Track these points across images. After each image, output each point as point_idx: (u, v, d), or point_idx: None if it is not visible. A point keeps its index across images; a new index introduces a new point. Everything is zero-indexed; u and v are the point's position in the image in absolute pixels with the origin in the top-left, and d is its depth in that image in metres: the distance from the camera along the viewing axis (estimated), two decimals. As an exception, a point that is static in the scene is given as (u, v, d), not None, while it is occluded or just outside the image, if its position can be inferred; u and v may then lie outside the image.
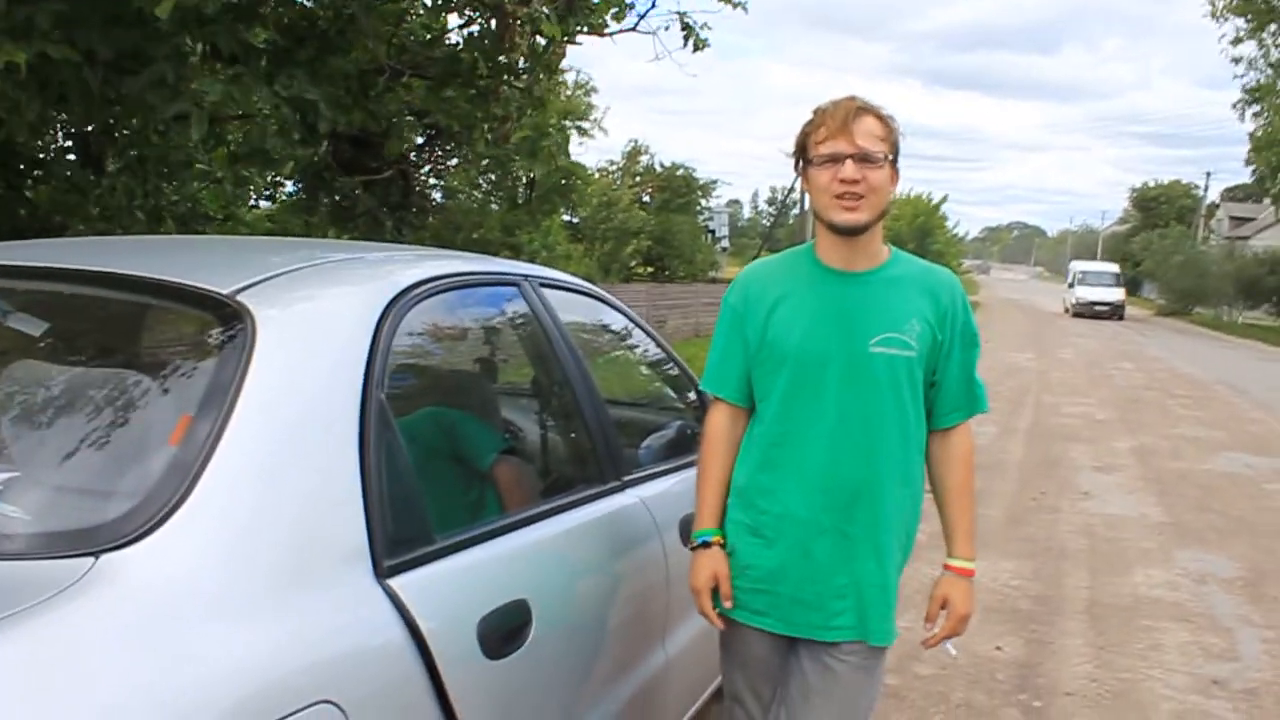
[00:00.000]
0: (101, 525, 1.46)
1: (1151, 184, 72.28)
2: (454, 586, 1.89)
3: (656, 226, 26.33)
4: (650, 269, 26.29)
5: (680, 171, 29.02)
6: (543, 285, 2.72)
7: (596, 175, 26.30)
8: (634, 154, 29.05)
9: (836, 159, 2.28)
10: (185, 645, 1.40)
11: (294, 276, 2.00)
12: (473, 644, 1.86)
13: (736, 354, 2.47)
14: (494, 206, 21.67)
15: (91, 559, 1.41)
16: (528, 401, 3.03)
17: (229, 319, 1.77)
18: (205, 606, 1.45)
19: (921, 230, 46.90)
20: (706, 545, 2.46)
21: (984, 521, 2.78)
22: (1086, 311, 39.82)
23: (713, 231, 32.28)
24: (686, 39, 8.41)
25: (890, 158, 2.32)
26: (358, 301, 1.99)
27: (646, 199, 27.78)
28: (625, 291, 20.38)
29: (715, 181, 30.99)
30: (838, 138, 2.28)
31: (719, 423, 2.51)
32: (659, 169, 28.96)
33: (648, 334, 3.36)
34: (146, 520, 1.46)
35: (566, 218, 24.33)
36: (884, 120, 2.33)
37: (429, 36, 9.27)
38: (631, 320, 3.26)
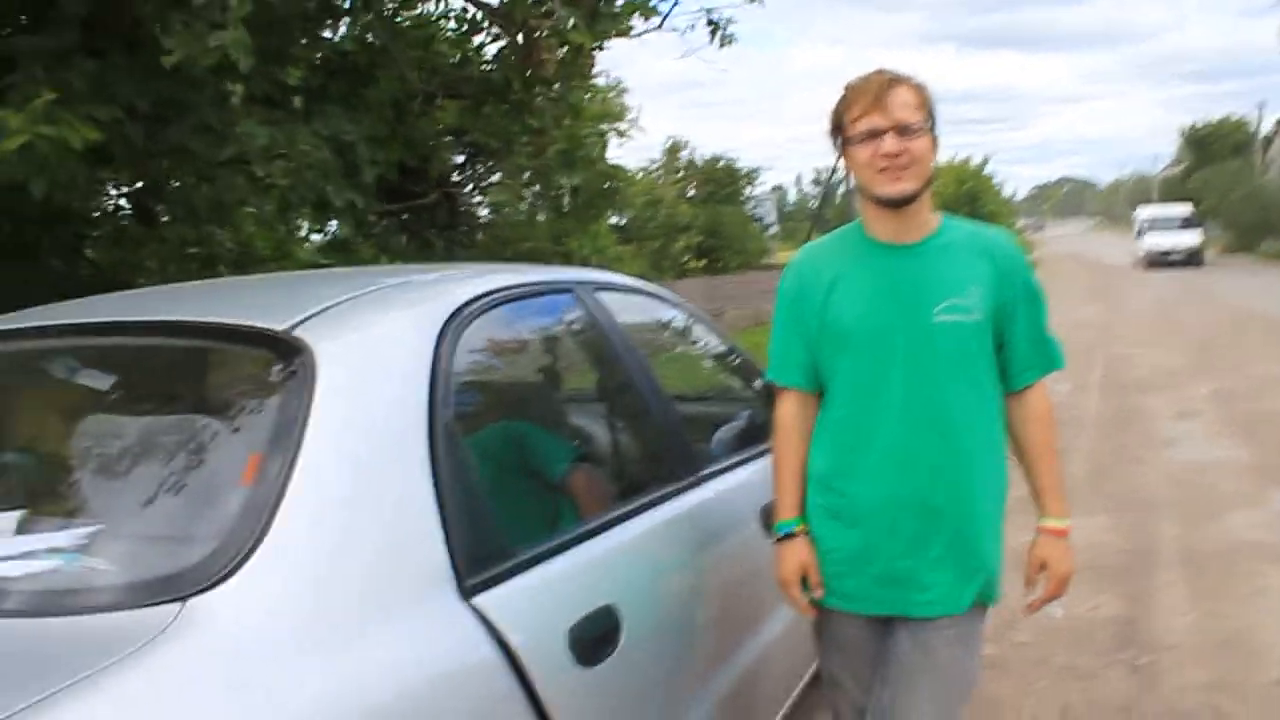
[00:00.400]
0: (185, 570, 1.46)
1: (1201, 123, 70.72)
2: (539, 598, 1.88)
3: (704, 220, 26.28)
4: (703, 262, 26.21)
5: (721, 163, 28.96)
6: (597, 289, 2.71)
7: (639, 176, 26.30)
8: (673, 150, 29.05)
9: (875, 134, 2.25)
10: (276, 683, 1.40)
11: (348, 306, 2.00)
12: (565, 653, 1.85)
13: (798, 341, 2.43)
14: (540, 217, 21.76)
15: (179, 604, 1.41)
16: (594, 406, 3.01)
17: (289, 355, 1.77)
18: (293, 642, 1.45)
19: (970, 195, 45.96)
20: (790, 536, 2.43)
21: (1067, 479, 2.73)
22: (1160, 261, 35.47)
23: (760, 219, 32.17)
24: (713, 35, 8.40)
25: (928, 125, 2.29)
26: (414, 323, 1.99)
27: (691, 193, 27.75)
28: (680, 287, 20.34)
29: (757, 169, 30.82)
30: (873, 113, 2.25)
31: (789, 411, 2.48)
32: (699, 163, 28.92)
33: (706, 326, 3.33)
34: (228, 561, 1.47)
35: (614, 220, 24.36)
36: (916, 89, 2.30)
37: (458, 58, 9.32)
38: (689, 313, 3.25)
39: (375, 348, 1.90)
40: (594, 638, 1.93)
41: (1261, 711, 3.77)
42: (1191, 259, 35.24)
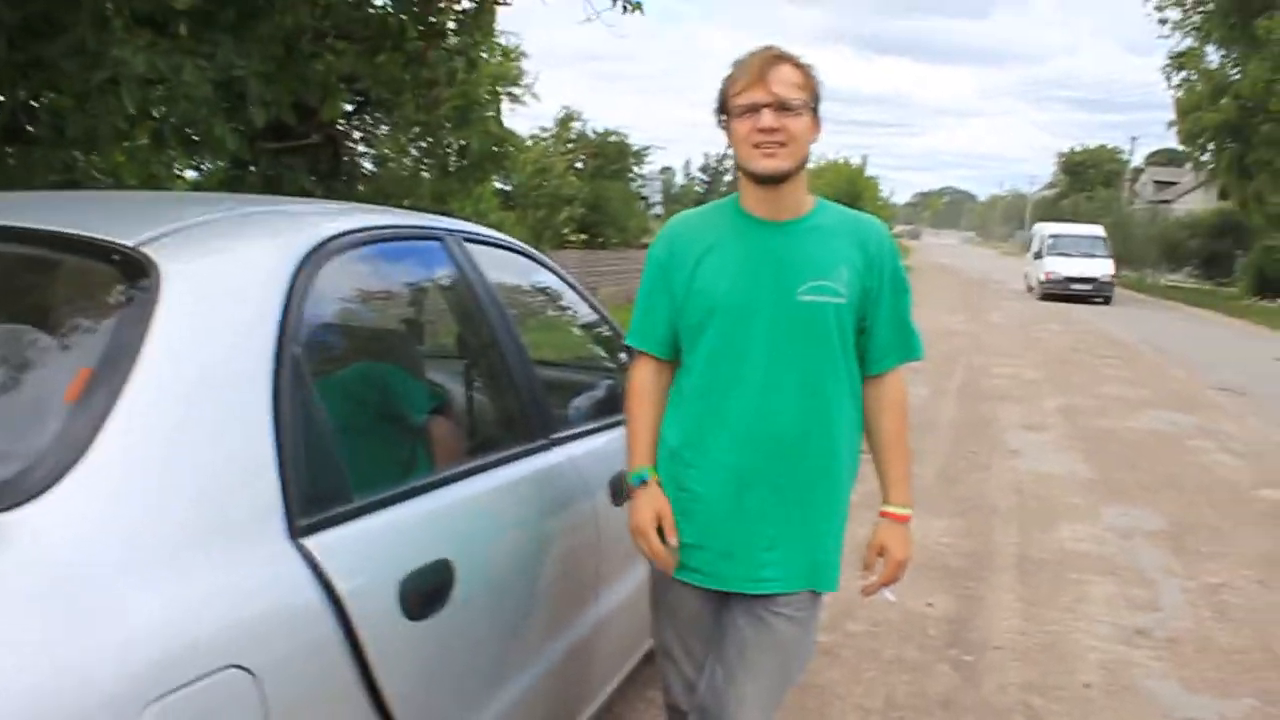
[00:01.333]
0: (-5, 484, 1.39)
1: (1079, 148, 73.52)
2: (373, 546, 1.83)
3: (589, 194, 26.17)
4: (584, 236, 26.12)
5: (613, 138, 28.85)
6: (467, 240, 2.66)
7: (530, 143, 26.06)
8: (566, 121, 28.82)
9: (754, 109, 2.26)
10: (85, 610, 1.33)
11: (206, 227, 1.92)
12: (393, 605, 1.81)
13: (662, 308, 2.44)
14: (425, 175, 21.39)
15: (-18, 519, 1.34)
16: (455, 359, 2.96)
17: (133, 271, 1.69)
18: (105, 569, 1.38)
19: (849, 195, 46.45)
20: (644, 483, 2.43)
21: (916, 480, 2.82)
22: (1059, 291, 29.38)
23: (646, 198, 32.16)
24: (615, 1, 8.33)
25: (810, 105, 2.31)
26: (273, 253, 1.91)
27: (580, 166, 27.60)
28: (558, 258, 20.16)
29: (648, 148, 30.76)
30: (755, 88, 2.26)
31: (644, 376, 2.49)
32: (592, 136, 28.79)
33: (578, 293, 3.31)
34: (40, 480, 1.39)
35: (499, 185, 24.10)
36: (801, 68, 2.32)
37: (356, -1, 9.07)
38: (562, 279, 3.22)
39: (226, 272, 1.82)
40: (425, 591, 1.89)
41: (1070, 711, 3.94)
42: (1099, 291, 29.57)
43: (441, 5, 7.88)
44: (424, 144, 21.02)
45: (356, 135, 17.84)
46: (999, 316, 23.45)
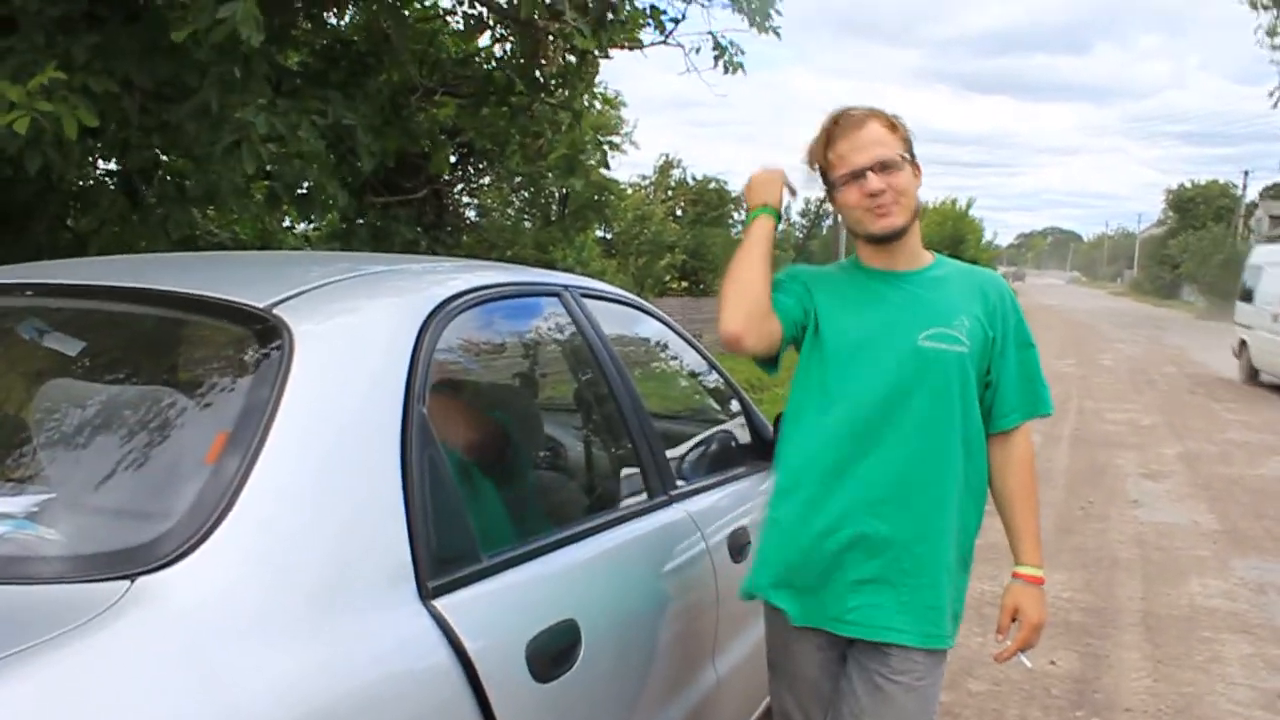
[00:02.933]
0: (137, 547, 1.40)
1: (1189, 184, 71.55)
2: (501, 607, 1.82)
3: (690, 240, 26.23)
4: (684, 283, 26.17)
5: (712, 185, 28.90)
6: (584, 295, 2.67)
7: (629, 190, 26.26)
8: (666, 168, 28.96)
9: (857, 175, 2.27)
10: (222, 669, 1.34)
11: (333, 288, 1.95)
12: (521, 666, 1.79)
13: (795, 300, 2.37)
14: (527, 224, 21.69)
15: (127, 582, 1.36)
16: (571, 414, 2.96)
17: (266, 333, 1.72)
18: (243, 630, 1.39)
19: (953, 237, 45.61)
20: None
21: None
22: None
23: (747, 244, 32.15)
24: (718, 59, 8.38)
25: (907, 156, 2.31)
26: (398, 312, 1.94)
27: (680, 213, 27.70)
28: (660, 306, 20.28)
29: (748, 194, 30.67)
30: (851, 155, 2.28)
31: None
32: (691, 182, 28.88)
33: (689, 343, 3.29)
34: (183, 542, 1.41)
35: (600, 233, 24.30)
36: (889, 121, 2.33)
37: (461, 55, 9.27)
38: (673, 329, 3.20)
39: (356, 334, 1.85)
40: (552, 652, 1.87)
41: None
42: None
43: (544, 60, 7.99)
44: (526, 194, 21.39)
45: (459, 187, 18.22)
46: (1109, 359, 22.82)
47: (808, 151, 2.38)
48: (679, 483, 2.74)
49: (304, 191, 7.84)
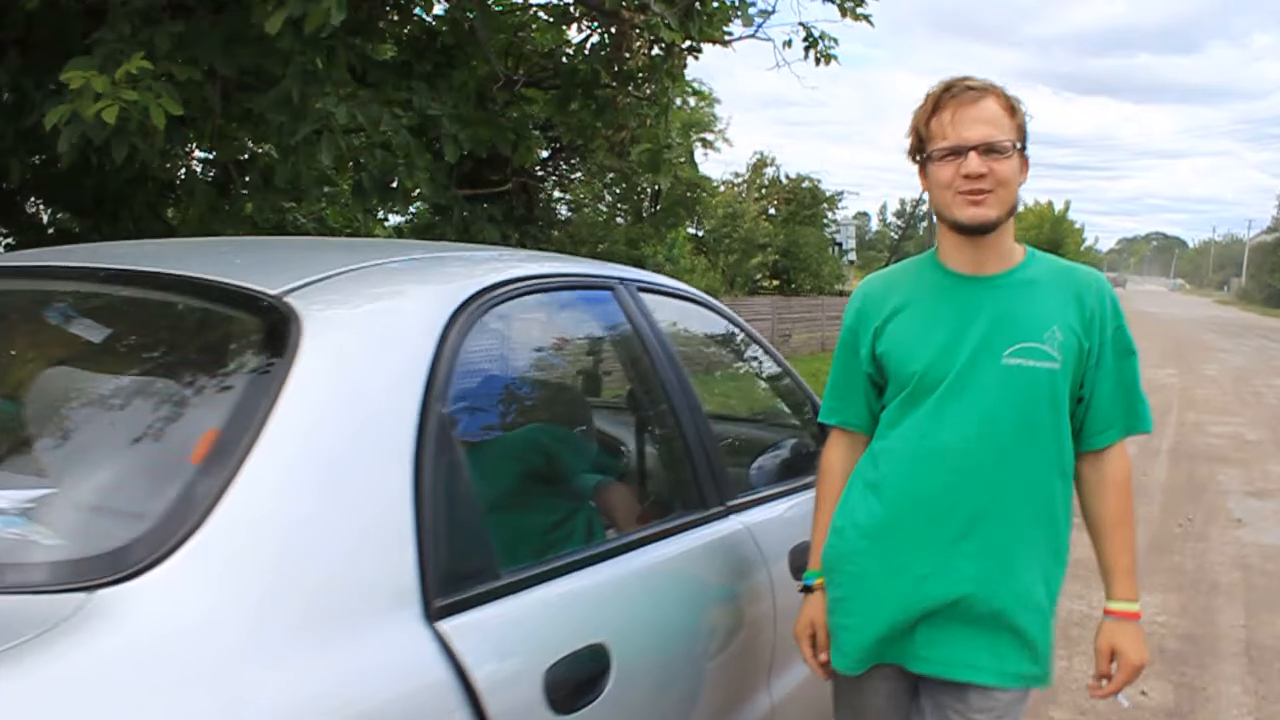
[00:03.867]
0: (99, 556, 1.27)
1: (1304, 190, 68.89)
2: (519, 628, 1.65)
3: (782, 239, 25.93)
4: (776, 282, 25.88)
5: (806, 183, 28.51)
6: (641, 289, 2.48)
7: (721, 188, 26.05)
8: (759, 165, 28.68)
9: (958, 152, 2.00)
10: (194, 700, 1.20)
11: (356, 275, 1.81)
12: (537, 695, 1.62)
13: (856, 377, 2.21)
14: (619, 220, 21.63)
15: (84, 595, 1.22)
16: (622, 417, 2.77)
17: (274, 322, 1.58)
18: (217, 654, 1.25)
19: (1050, 241, 44.10)
20: (808, 590, 2.23)
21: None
22: None
23: (840, 244, 31.67)
24: (808, 51, 8.16)
25: (1018, 145, 2.03)
26: (423, 304, 1.78)
27: (772, 211, 27.40)
28: (750, 305, 20.13)
29: (841, 193, 30.14)
30: (957, 127, 2.00)
31: (838, 455, 2.27)
32: (784, 181, 28.55)
33: (759, 344, 3.09)
34: (154, 549, 1.27)
35: (691, 230, 24.14)
36: (1008, 101, 2.05)
37: (548, 48, 9.17)
38: (741, 329, 3.01)
39: (373, 325, 1.69)
40: (574, 680, 1.69)
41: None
42: None
43: (628, 53, 7.85)
44: (618, 190, 21.34)
45: (551, 181, 18.21)
46: (1213, 369, 21.94)
47: (912, 118, 2.11)
48: (740, 494, 2.54)
49: (390, 183, 7.80)
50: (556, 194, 19.17)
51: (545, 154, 15.49)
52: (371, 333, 1.68)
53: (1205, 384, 18.59)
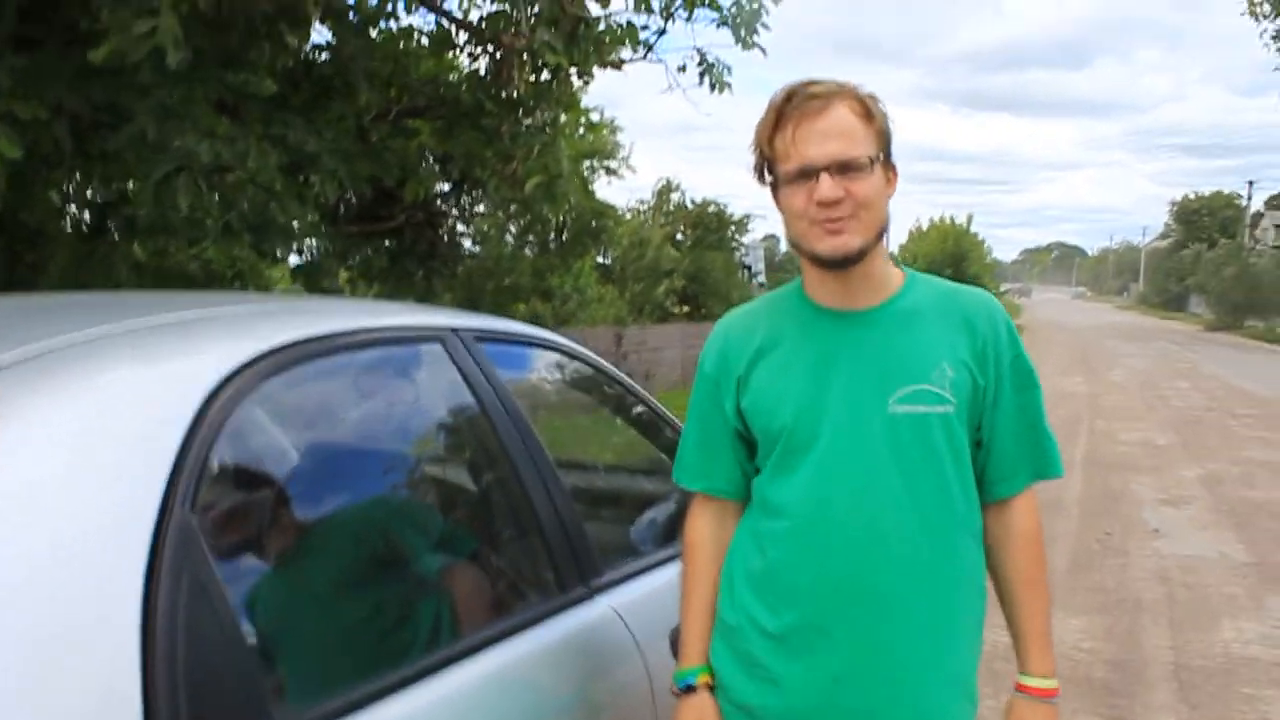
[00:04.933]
0: None
1: (1192, 196, 71.24)
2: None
3: (690, 265, 25.73)
4: (685, 308, 25.65)
5: (712, 208, 28.38)
6: (480, 339, 2.14)
7: (627, 215, 25.83)
8: (664, 192, 28.50)
9: (808, 174, 1.68)
10: None
11: (89, 347, 1.43)
12: None
13: (720, 435, 1.87)
14: (526, 252, 21.25)
15: None
16: (449, 498, 2.37)
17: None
18: None
19: (954, 255, 44.55)
20: (690, 689, 1.86)
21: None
22: None
23: (748, 267, 31.53)
24: (703, 76, 7.97)
25: (879, 155, 1.71)
26: (171, 383, 1.42)
27: (680, 237, 27.22)
28: (660, 331, 19.93)
29: (749, 216, 29.98)
30: (804, 146, 1.68)
31: (706, 528, 1.91)
32: (690, 206, 28.39)
33: (627, 390, 2.74)
34: None
35: (599, 260, 23.83)
36: (861, 103, 1.71)
37: (431, 76, 8.82)
38: (607, 375, 2.66)
39: (97, 413, 1.32)
40: None
41: None
42: None
43: (511, 80, 7.54)
44: (521, 221, 20.96)
45: (453, 216, 17.79)
46: (1118, 374, 22.19)
47: (755, 134, 1.78)
48: (610, 566, 2.20)
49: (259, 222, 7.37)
50: (460, 228, 18.74)
51: (446, 187, 15.12)
52: (96, 420, 1.30)
53: (1112, 390, 18.77)
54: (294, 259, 13.13)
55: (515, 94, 7.95)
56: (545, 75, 7.97)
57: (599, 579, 2.13)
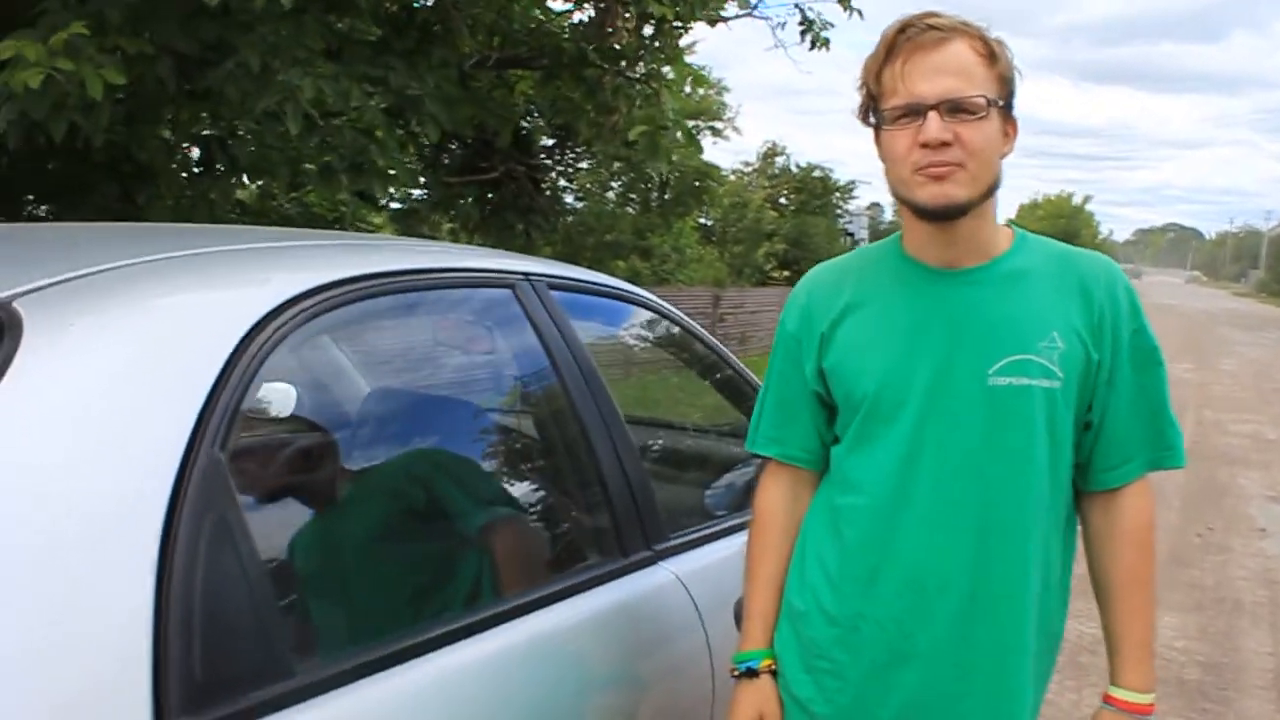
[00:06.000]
0: None
1: (1327, 181, 68.28)
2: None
3: (791, 229, 25.45)
4: (786, 273, 25.39)
5: (817, 173, 28.01)
6: (553, 286, 2.02)
7: (731, 176, 25.60)
8: (769, 154, 28.20)
9: (914, 112, 1.51)
10: None
11: (131, 273, 1.36)
12: None
13: (800, 397, 1.72)
14: (629, 209, 21.22)
15: None
16: (510, 452, 2.26)
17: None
18: None
19: (1065, 234, 43.27)
20: (752, 674, 1.72)
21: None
22: None
23: (851, 234, 31.10)
24: (804, 34, 7.79)
25: (999, 102, 1.54)
26: (211, 312, 1.35)
27: (783, 201, 26.92)
28: (758, 294, 19.74)
29: (854, 183, 29.50)
30: (913, 80, 1.51)
31: (779, 498, 1.77)
32: (795, 170, 28.04)
33: (710, 348, 2.61)
34: None
35: (701, 220, 23.68)
36: (985, 45, 1.54)
37: (532, 25, 8.74)
38: (690, 332, 2.54)
39: (130, 341, 1.25)
40: None
41: None
42: None
43: (611, 30, 7.44)
44: (625, 179, 20.90)
45: (556, 171, 17.78)
46: (1231, 363, 21.35)
47: (862, 70, 1.60)
48: (675, 532, 2.09)
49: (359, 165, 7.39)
50: (563, 183, 18.73)
51: (550, 141, 15.09)
52: (128, 349, 1.24)
53: (1223, 379, 18.04)
54: (395, 206, 13.24)
55: (618, 45, 7.84)
56: (649, 29, 7.86)
57: (664, 543, 2.02)
